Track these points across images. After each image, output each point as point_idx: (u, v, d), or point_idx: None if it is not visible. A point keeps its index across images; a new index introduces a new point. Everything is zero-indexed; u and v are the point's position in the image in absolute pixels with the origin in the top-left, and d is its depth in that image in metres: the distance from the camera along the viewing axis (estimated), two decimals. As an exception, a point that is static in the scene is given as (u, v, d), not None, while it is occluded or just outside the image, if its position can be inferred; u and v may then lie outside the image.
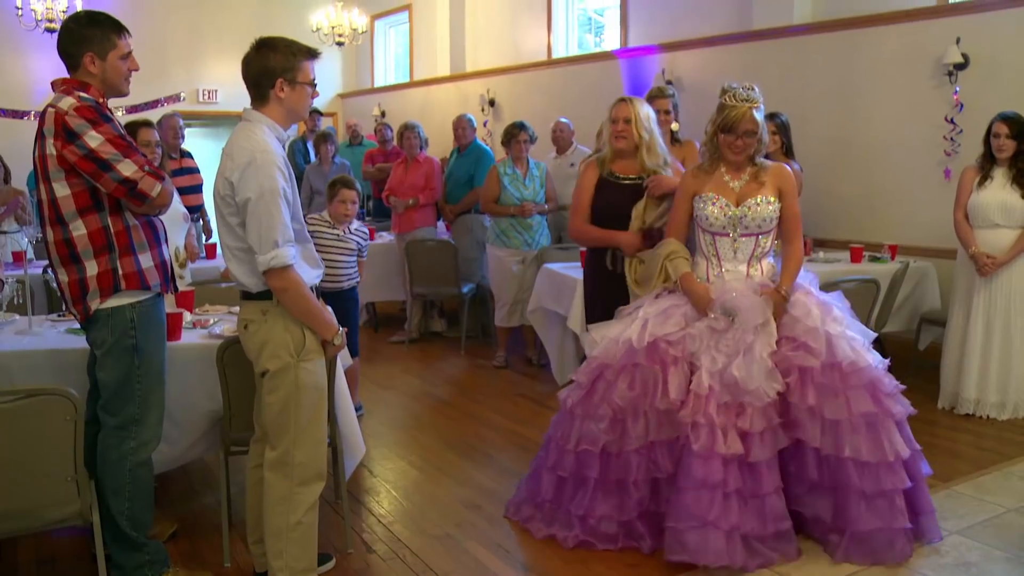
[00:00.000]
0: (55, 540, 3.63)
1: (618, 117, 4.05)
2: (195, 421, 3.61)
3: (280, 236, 2.79)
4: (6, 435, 2.70)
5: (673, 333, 3.45)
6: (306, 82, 2.93)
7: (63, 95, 2.95)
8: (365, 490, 4.21)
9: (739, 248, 3.57)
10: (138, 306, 3.01)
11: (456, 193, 7.25)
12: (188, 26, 11.46)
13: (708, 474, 3.24)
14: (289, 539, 2.93)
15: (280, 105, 2.91)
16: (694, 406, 3.31)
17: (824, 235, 6.71)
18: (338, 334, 2.99)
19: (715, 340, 3.39)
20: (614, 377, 3.47)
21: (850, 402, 3.31)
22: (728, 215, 3.54)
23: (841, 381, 3.33)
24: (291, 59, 2.89)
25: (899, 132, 6.35)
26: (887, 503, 3.31)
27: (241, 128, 2.92)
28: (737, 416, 3.29)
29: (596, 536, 3.49)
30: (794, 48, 7.00)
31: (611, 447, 3.46)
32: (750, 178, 3.58)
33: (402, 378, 6.32)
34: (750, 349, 3.33)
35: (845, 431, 3.31)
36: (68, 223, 2.93)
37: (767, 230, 3.57)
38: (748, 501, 3.27)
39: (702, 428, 3.27)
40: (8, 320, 3.93)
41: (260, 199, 2.77)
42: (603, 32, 9.78)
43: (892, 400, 3.39)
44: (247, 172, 2.78)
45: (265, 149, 2.81)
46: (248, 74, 2.91)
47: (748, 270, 3.57)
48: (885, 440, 3.31)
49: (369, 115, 12.07)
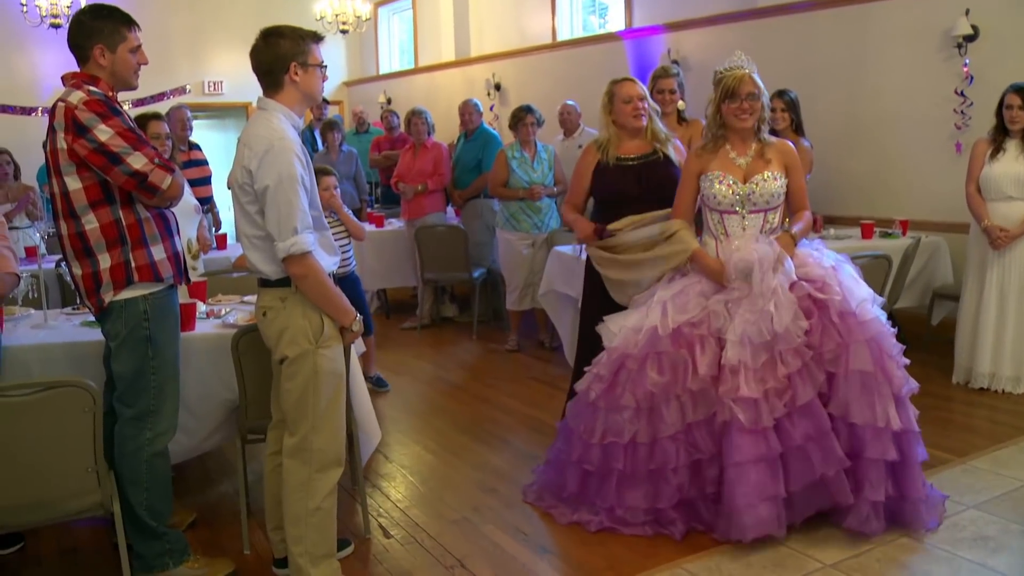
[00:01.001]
0: (77, 530, 3.67)
1: (632, 96, 4.02)
2: (211, 411, 3.63)
3: (299, 223, 2.79)
4: (26, 427, 2.72)
5: (695, 315, 3.44)
6: (317, 64, 2.95)
7: (73, 89, 2.95)
8: (381, 475, 4.23)
9: (748, 225, 3.56)
10: (151, 298, 3.02)
11: (464, 178, 7.24)
12: (192, 18, 11.45)
13: (766, 448, 3.22)
14: (308, 525, 2.95)
15: (296, 90, 2.92)
16: (732, 382, 3.28)
17: (835, 212, 6.67)
18: (356, 320, 3.00)
19: (738, 310, 3.37)
20: (637, 366, 3.44)
21: (849, 357, 3.27)
22: (736, 192, 3.53)
23: (847, 332, 3.29)
24: (300, 43, 2.90)
25: (909, 106, 6.31)
26: (862, 469, 3.26)
27: (257, 117, 2.93)
28: (775, 368, 3.27)
29: (622, 524, 3.48)
30: (800, 24, 6.95)
31: (640, 437, 3.42)
32: (755, 155, 3.57)
33: (415, 364, 6.33)
34: (774, 292, 3.33)
35: (838, 386, 3.27)
36: (80, 216, 2.94)
37: (775, 206, 3.57)
38: (813, 443, 3.23)
39: (745, 403, 3.25)
40: (24, 314, 3.97)
41: (279, 186, 2.78)
42: (607, 14, 9.73)
43: (895, 365, 3.34)
44: (265, 160, 2.78)
45: (282, 136, 2.82)
46: (259, 64, 2.91)
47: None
48: (878, 405, 3.24)
49: (375, 102, 12.05)
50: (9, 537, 3.51)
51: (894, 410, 3.29)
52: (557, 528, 3.58)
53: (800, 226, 3.59)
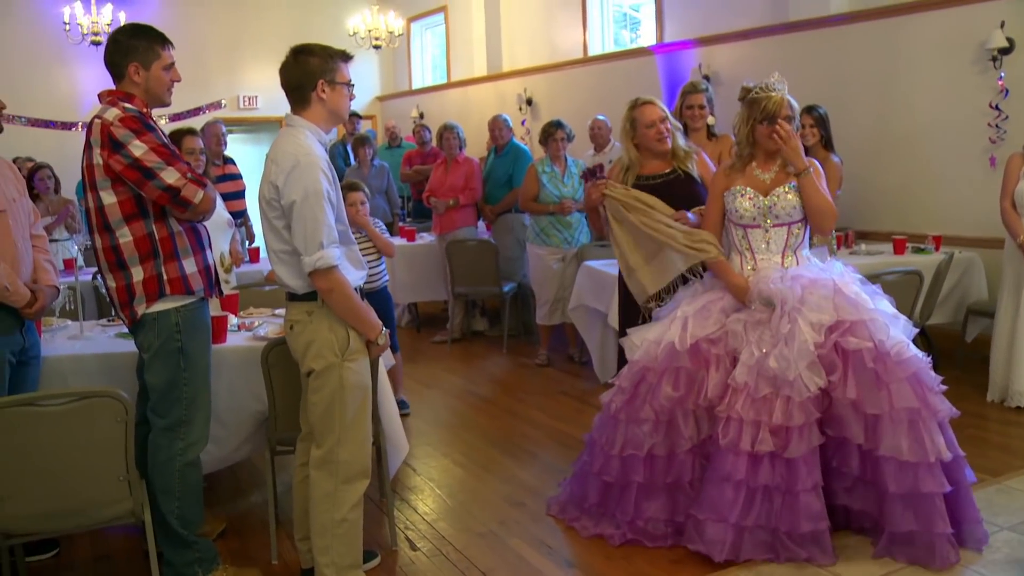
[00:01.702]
0: (110, 538, 3.73)
1: (655, 120, 4.02)
2: (242, 422, 3.68)
3: (325, 237, 2.84)
4: (60, 436, 2.78)
5: (714, 332, 3.45)
6: (344, 82, 2.99)
7: (109, 106, 3.03)
8: (409, 488, 4.26)
9: (771, 239, 3.54)
10: (183, 310, 3.08)
11: (496, 194, 7.27)
12: (228, 35, 11.66)
13: (732, 470, 3.25)
14: (335, 536, 2.98)
15: (322, 107, 2.97)
16: (729, 401, 3.31)
17: (867, 227, 6.63)
18: (382, 334, 3.03)
19: (756, 333, 3.37)
20: (656, 380, 3.47)
21: (892, 396, 3.24)
22: (758, 205, 3.52)
23: (886, 372, 3.26)
24: (328, 61, 2.95)
25: (942, 120, 6.26)
26: (925, 506, 3.22)
27: (284, 133, 2.98)
28: (774, 411, 3.25)
29: (644, 536, 3.50)
30: (832, 38, 6.92)
31: (658, 450, 3.46)
32: (779, 169, 3.56)
33: (445, 377, 6.36)
34: (791, 337, 3.28)
35: (885, 428, 3.24)
36: (115, 230, 3.01)
37: (798, 219, 3.54)
38: (782, 497, 3.24)
39: (731, 423, 3.28)
40: (61, 325, 4.05)
41: (305, 201, 2.82)
42: (639, 28, 9.75)
43: (936, 397, 3.30)
44: (292, 175, 2.83)
45: (308, 152, 2.87)
46: (288, 81, 2.97)
47: (783, 261, 3.54)
48: (927, 439, 3.22)
49: (407, 117, 12.16)
50: (44, 543, 3.57)
51: (942, 440, 3.27)
52: (582, 542, 3.58)
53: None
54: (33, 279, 3.29)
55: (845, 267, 3.65)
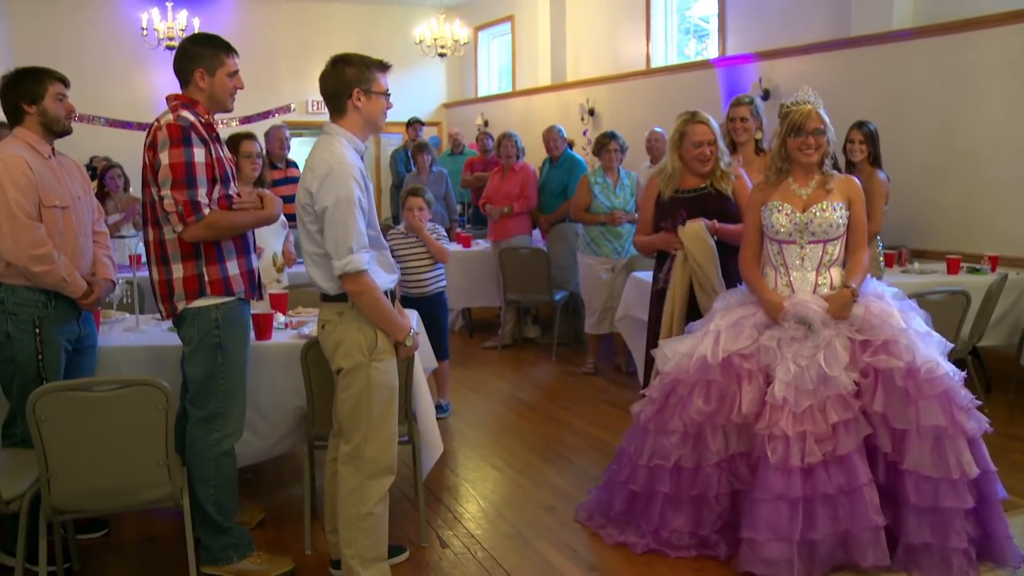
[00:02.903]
0: (156, 521, 3.90)
1: (703, 141, 4.10)
2: (283, 416, 3.82)
3: (354, 243, 2.95)
4: (106, 421, 2.94)
5: (746, 347, 3.47)
6: (380, 92, 3.09)
7: (169, 111, 3.19)
8: (446, 488, 4.35)
9: (806, 256, 3.55)
10: (223, 307, 3.23)
11: (550, 203, 7.35)
12: (297, 41, 11.98)
13: (787, 488, 3.23)
14: (360, 529, 3.08)
15: (358, 115, 3.07)
16: (770, 418, 3.31)
17: (923, 246, 6.53)
18: (409, 336, 3.13)
19: (792, 349, 3.38)
20: (687, 392, 3.50)
21: (920, 413, 3.24)
22: (794, 222, 3.52)
23: (916, 389, 3.26)
24: (365, 71, 3.05)
25: (1004, 138, 6.14)
26: (942, 520, 3.22)
27: (321, 141, 3.10)
28: (818, 419, 3.27)
29: (668, 546, 3.53)
30: (894, 54, 6.84)
31: (685, 462, 3.48)
32: (817, 186, 3.56)
33: (492, 382, 6.45)
34: (830, 345, 3.34)
35: (911, 442, 3.25)
36: (163, 227, 3.18)
37: (834, 237, 3.53)
38: (846, 497, 3.24)
39: (778, 441, 3.27)
40: (119, 318, 4.26)
41: (336, 207, 2.93)
42: (706, 40, 9.73)
43: (965, 415, 3.29)
44: (325, 182, 2.95)
45: (342, 160, 2.98)
46: (326, 88, 3.09)
47: (816, 279, 3.53)
48: (951, 456, 3.21)
49: (472, 124, 12.32)
50: (95, 523, 3.77)
51: (969, 457, 3.26)
52: (607, 548, 3.63)
53: (859, 279, 3.50)
54: (91, 272, 3.48)
55: (880, 283, 3.65)
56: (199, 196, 3.11)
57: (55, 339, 3.30)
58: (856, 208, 3.57)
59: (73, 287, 3.32)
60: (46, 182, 3.29)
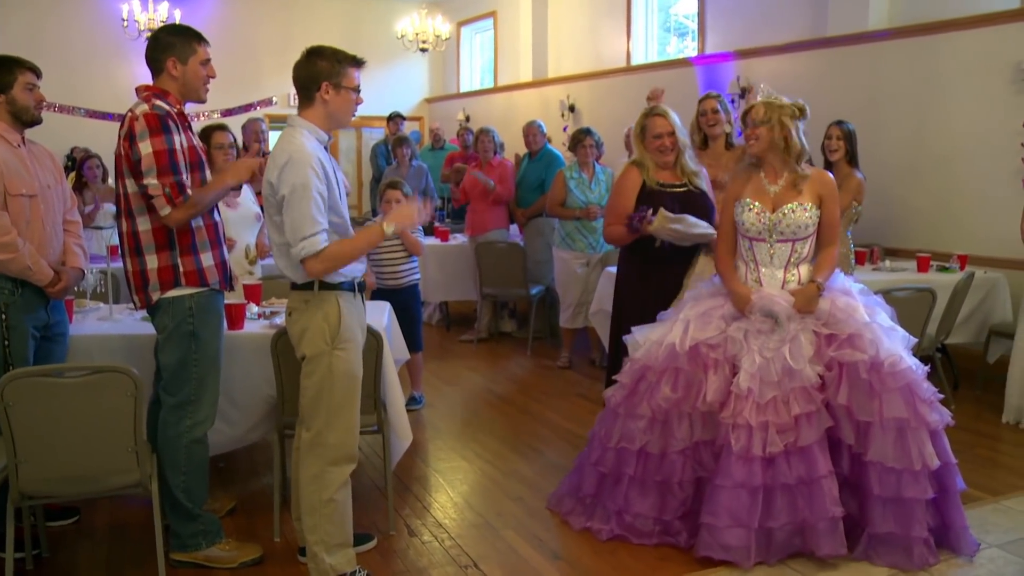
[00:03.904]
0: (128, 508, 3.93)
1: (662, 133, 4.19)
2: (255, 405, 3.86)
3: (309, 229, 2.96)
4: (75, 407, 2.97)
5: (714, 337, 3.54)
6: (350, 87, 3.11)
7: (142, 101, 3.22)
8: (416, 478, 4.40)
9: (775, 254, 3.61)
10: (197, 296, 3.27)
11: (528, 197, 7.39)
12: (279, 34, 11.95)
13: (748, 476, 3.32)
14: (322, 515, 3.12)
15: (324, 108, 3.09)
16: (735, 407, 3.39)
17: (896, 244, 6.63)
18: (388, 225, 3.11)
19: (758, 341, 3.46)
20: (656, 379, 3.57)
21: (883, 405, 3.32)
22: (763, 221, 3.59)
23: (879, 382, 3.34)
24: (336, 65, 3.08)
25: (976, 139, 6.24)
26: (905, 510, 3.32)
27: (283, 133, 3.14)
28: (780, 410, 3.34)
29: (631, 532, 3.60)
30: (869, 54, 6.93)
31: (651, 447, 3.56)
32: (788, 184, 3.60)
33: (467, 375, 6.50)
34: (796, 338, 3.42)
35: (875, 434, 3.33)
36: (136, 217, 3.21)
37: (803, 236, 3.59)
38: (806, 488, 3.32)
39: (741, 430, 3.35)
40: (93, 307, 4.28)
41: (292, 195, 2.96)
42: (686, 38, 9.79)
43: (927, 407, 3.38)
44: (284, 171, 2.98)
45: (300, 149, 3.00)
46: (297, 78, 3.11)
47: (785, 275, 3.60)
48: (914, 448, 3.31)
49: (454, 119, 12.35)
50: (66, 510, 3.80)
51: (930, 449, 3.35)
52: (572, 536, 3.69)
53: (825, 274, 3.57)
54: (61, 261, 3.49)
55: (847, 279, 3.72)
56: (183, 179, 3.15)
57: (22, 326, 3.31)
58: (828, 205, 3.62)
59: (39, 275, 3.33)
60: (13, 170, 3.29)
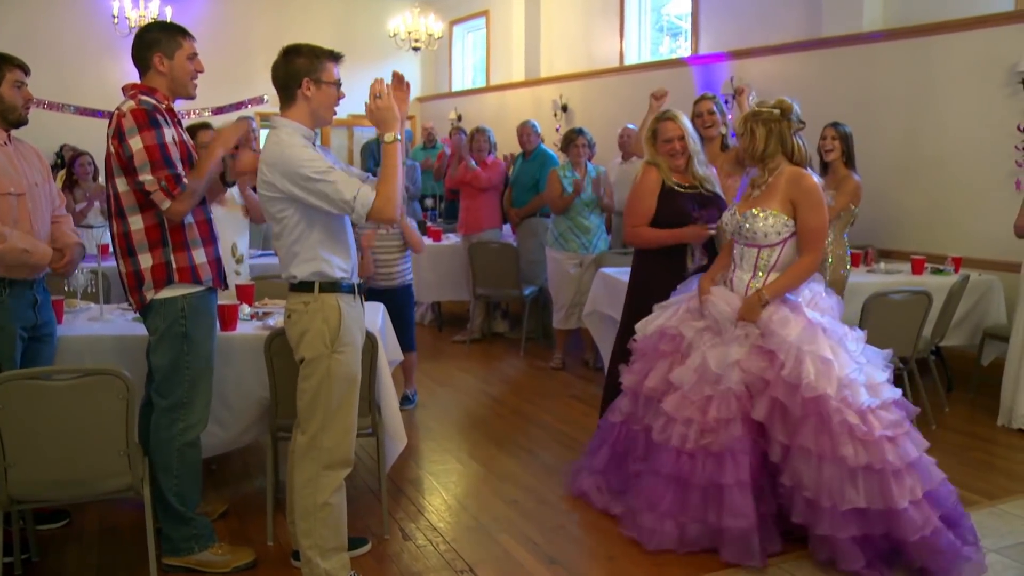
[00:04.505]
0: (119, 511, 3.88)
1: (673, 137, 4.21)
2: (248, 407, 3.82)
3: (347, 191, 2.92)
4: (65, 410, 2.92)
5: (673, 327, 3.65)
6: (331, 82, 3.07)
7: (129, 99, 3.18)
8: (410, 481, 4.36)
9: (744, 257, 3.59)
10: (189, 297, 3.22)
11: (522, 197, 7.36)
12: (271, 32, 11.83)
13: (662, 465, 3.44)
14: (317, 519, 3.08)
15: (307, 105, 3.05)
16: (670, 398, 3.48)
17: (890, 246, 6.62)
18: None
19: (704, 341, 3.52)
20: (636, 359, 3.81)
21: (799, 431, 3.24)
22: (734, 222, 3.58)
23: (796, 406, 3.24)
24: (315, 61, 3.03)
25: (970, 141, 6.23)
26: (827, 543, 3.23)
27: (268, 135, 3.10)
28: (708, 410, 3.38)
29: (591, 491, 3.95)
30: (864, 56, 6.92)
31: (632, 423, 3.78)
32: (767, 188, 3.54)
33: (459, 376, 6.46)
34: (728, 344, 3.44)
35: (791, 458, 3.27)
36: (127, 217, 3.16)
37: (767, 244, 3.50)
38: (716, 491, 3.33)
39: (666, 420, 3.48)
40: (84, 307, 4.23)
41: (309, 181, 2.92)
42: (679, 38, 9.77)
43: (853, 444, 3.16)
44: (284, 170, 2.94)
45: (290, 144, 2.97)
46: (276, 79, 3.08)
47: (750, 280, 3.54)
48: (828, 482, 3.17)
49: (446, 119, 12.31)
50: (55, 513, 3.74)
51: (852, 487, 3.16)
52: (568, 541, 3.67)
53: (777, 287, 3.45)
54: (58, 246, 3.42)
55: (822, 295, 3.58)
56: (179, 170, 3.12)
57: (9, 327, 3.24)
58: (801, 211, 3.47)
59: (37, 255, 3.26)
60: (0, 169, 3.24)
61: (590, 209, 6.44)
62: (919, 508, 3.18)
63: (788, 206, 3.49)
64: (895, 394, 3.34)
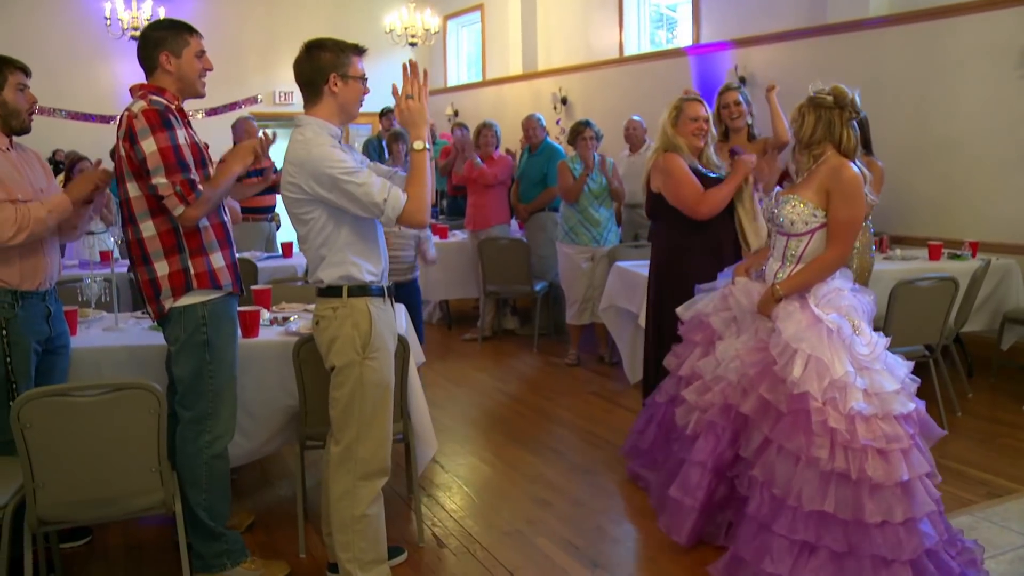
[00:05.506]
0: (142, 528, 3.78)
1: (699, 116, 4.25)
2: (272, 416, 3.72)
3: (377, 193, 2.84)
4: (96, 426, 2.81)
5: (706, 316, 3.66)
6: (357, 76, 2.97)
7: (138, 100, 3.06)
8: (437, 485, 4.28)
9: (776, 244, 3.47)
10: (209, 304, 3.11)
11: (530, 192, 7.26)
12: (264, 31, 11.77)
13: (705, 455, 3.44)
14: (355, 531, 2.99)
15: (334, 101, 2.95)
16: (693, 385, 3.56)
17: (903, 232, 6.56)
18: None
19: (733, 329, 3.54)
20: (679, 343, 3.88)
21: (777, 427, 3.13)
22: (771, 208, 3.46)
23: (784, 403, 3.12)
24: (341, 55, 2.93)
25: (981, 125, 6.17)
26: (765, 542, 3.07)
27: (293, 134, 2.98)
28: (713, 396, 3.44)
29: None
30: (870, 41, 6.85)
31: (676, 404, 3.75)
32: (808, 175, 3.37)
33: (474, 375, 6.37)
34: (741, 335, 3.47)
35: (765, 451, 3.17)
36: (139, 223, 3.04)
37: (794, 233, 3.35)
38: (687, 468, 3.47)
39: (685, 405, 3.59)
40: (97, 317, 4.12)
41: (336, 182, 2.83)
42: (676, 28, 9.70)
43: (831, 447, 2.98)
44: (312, 171, 2.85)
45: (318, 144, 2.87)
46: (301, 75, 2.97)
47: (777, 270, 3.42)
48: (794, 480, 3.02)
49: (442, 114, 12.20)
50: (78, 531, 3.63)
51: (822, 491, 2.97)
52: (609, 542, 3.59)
53: (792, 283, 3.30)
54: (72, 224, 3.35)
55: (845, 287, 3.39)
56: (192, 175, 3.01)
57: (24, 340, 3.13)
58: (833, 202, 3.28)
59: (59, 207, 3.13)
60: (6, 176, 3.10)
61: (600, 201, 6.36)
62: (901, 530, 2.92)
63: (823, 196, 3.31)
64: (905, 408, 3.05)
